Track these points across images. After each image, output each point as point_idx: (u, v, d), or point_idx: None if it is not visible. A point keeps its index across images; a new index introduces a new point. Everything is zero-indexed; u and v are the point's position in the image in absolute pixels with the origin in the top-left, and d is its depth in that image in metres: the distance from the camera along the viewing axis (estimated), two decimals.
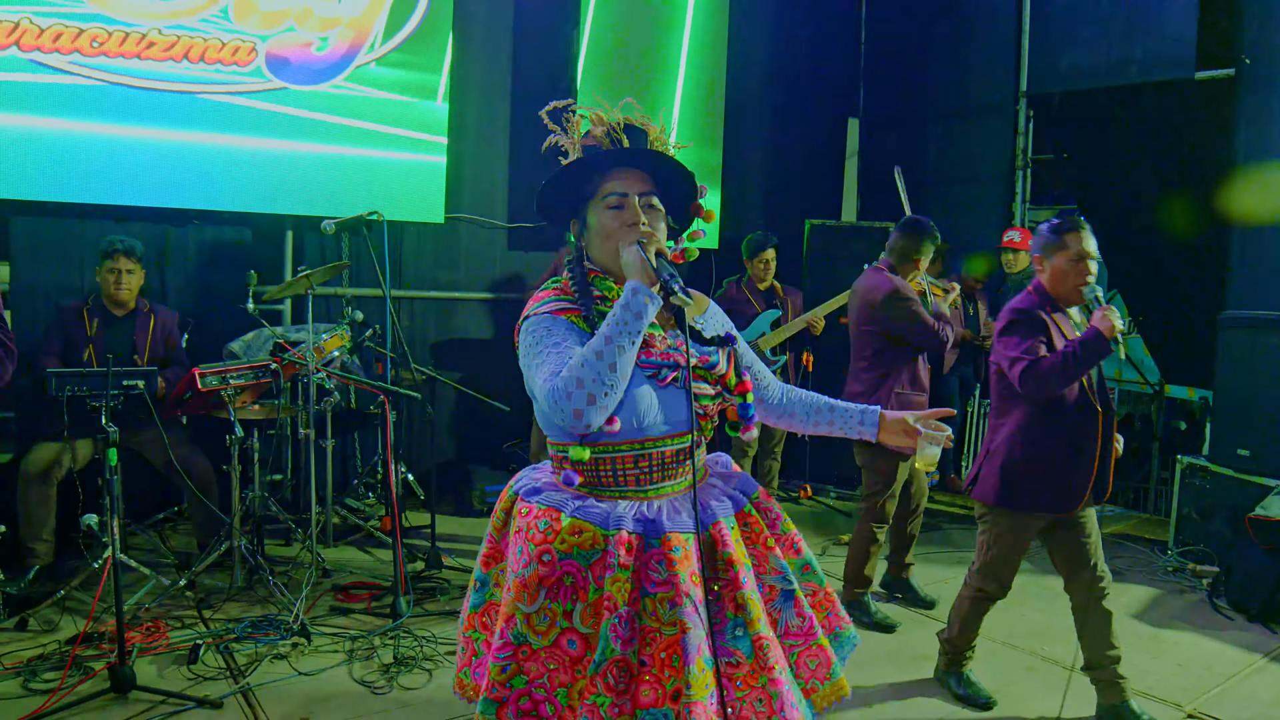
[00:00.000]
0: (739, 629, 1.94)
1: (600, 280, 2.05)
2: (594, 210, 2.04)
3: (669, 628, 1.86)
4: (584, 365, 1.81)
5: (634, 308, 1.85)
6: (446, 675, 3.73)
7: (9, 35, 4.76)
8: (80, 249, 5.19)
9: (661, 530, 1.93)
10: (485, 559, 2.12)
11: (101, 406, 3.95)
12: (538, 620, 1.88)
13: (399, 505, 4.84)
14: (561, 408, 1.81)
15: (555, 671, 1.87)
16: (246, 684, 3.56)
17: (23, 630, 3.96)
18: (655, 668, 1.85)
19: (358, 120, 5.82)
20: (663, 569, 1.89)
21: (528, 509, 1.99)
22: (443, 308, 6.61)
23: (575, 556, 1.90)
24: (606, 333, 1.83)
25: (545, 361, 1.89)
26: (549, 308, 2.00)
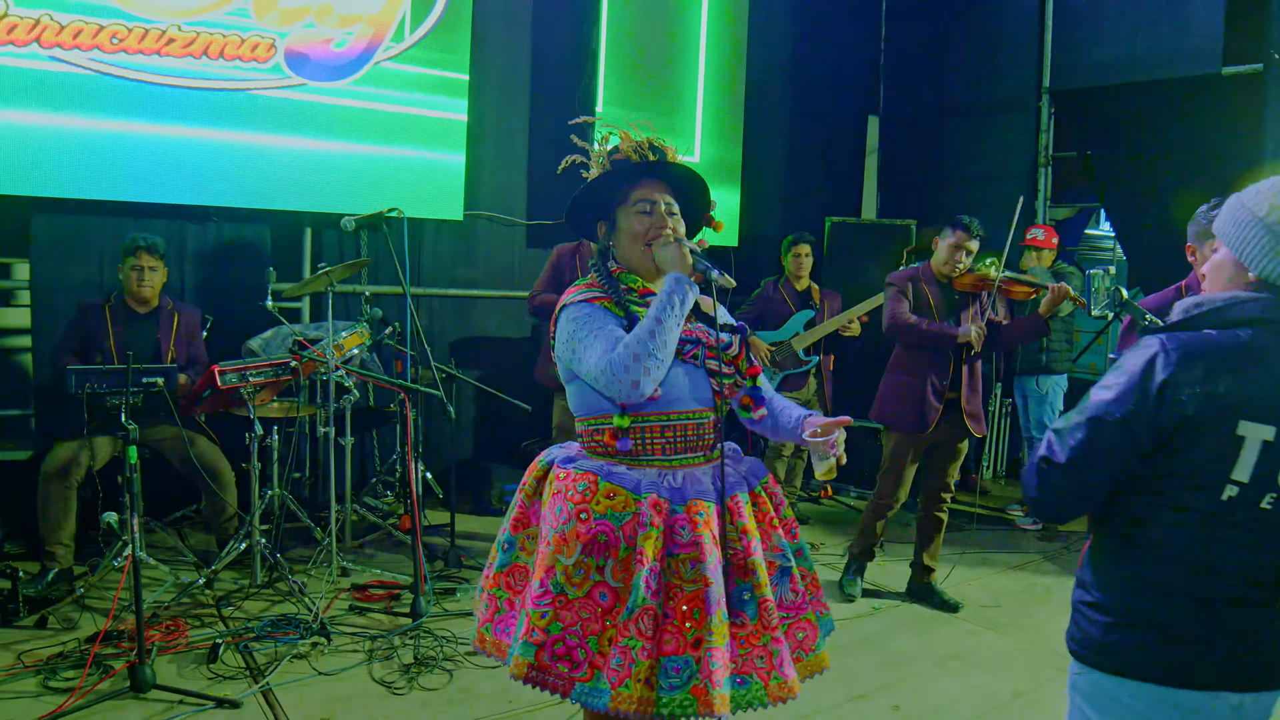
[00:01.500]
0: (746, 593, 2.16)
1: (625, 275, 2.32)
2: (624, 214, 2.31)
3: (690, 584, 2.09)
4: (639, 342, 2.07)
5: (679, 294, 2.13)
6: (467, 676, 3.70)
7: (29, 32, 4.75)
8: (100, 246, 5.18)
9: (686, 497, 2.16)
10: (514, 522, 2.30)
11: (121, 404, 3.94)
12: (574, 573, 2.08)
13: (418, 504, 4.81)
14: (620, 379, 2.06)
15: (588, 620, 2.07)
16: (266, 684, 3.53)
17: (42, 628, 3.95)
18: (677, 619, 2.07)
19: (376, 117, 5.79)
20: (685, 531, 2.12)
21: (565, 474, 2.21)
22: (461, 305, 6.58)
23: (609, 517, 2.11)
24: (656, 314, 2.11)
25: (595, 341, 2.14)
26: (584, 296, 2.25)
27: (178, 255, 5.49)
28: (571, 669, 2.05)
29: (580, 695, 2.04)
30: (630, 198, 2.30)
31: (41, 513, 4.32)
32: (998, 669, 4.00)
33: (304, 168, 5.60)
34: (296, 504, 4.83)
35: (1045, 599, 4.89)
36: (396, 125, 5.87)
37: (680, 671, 2.03)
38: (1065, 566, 5.35)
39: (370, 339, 5.04)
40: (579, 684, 2.05)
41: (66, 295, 4.98)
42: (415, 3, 5.82)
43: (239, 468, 4.69)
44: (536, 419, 5.81)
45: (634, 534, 2.09)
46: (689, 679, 2.02)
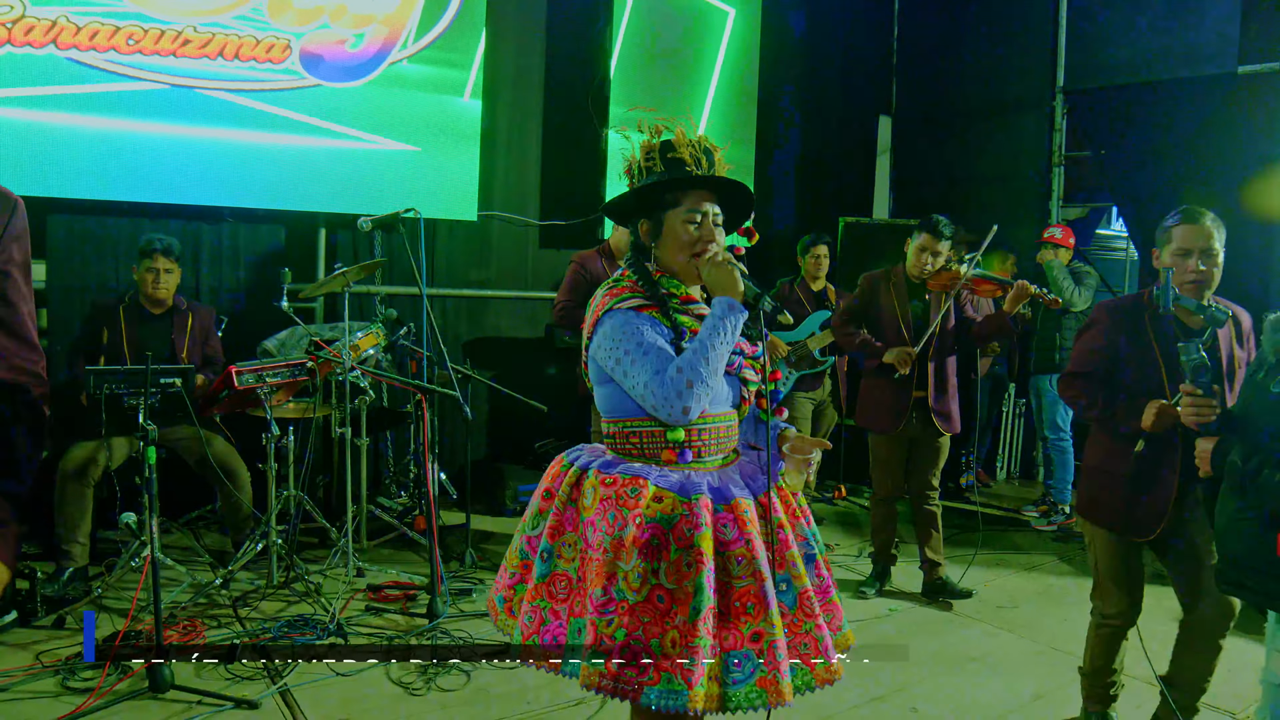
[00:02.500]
0: (783, 584, 2.20)
1: (666, 280, 2.30)
2: (673, 219, 2.27)
3: (741, 580, 2.12)
4: (692, 369, 2.10)
5: (731, 320, 2.15)
6: (484, 676, 3.70)
7: (47, 33, 4.77)
8: (116, 247, 5.19)
9: (730, 495, 2.19)
10: (551, 530, 2.24)
11: (139, 405, 3.95)
12: (633, 578, 2.08)
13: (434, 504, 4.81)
14: (671, 404, 2.10)
15: (649, 624, 2.07)
16: (284, 684, 3.53)
17: (60, 628, 3.96)
18: (732, 616, 2.11)
19: (390, 117, 5.80)
20: (728, 529, 2.15)
21: (611, 479, 2.19)
22: (474, 306, 6.59)
23: (659, 520, 2.12)
24: (708, 341, 2.12)
25: (645, 360, 2.14)
26: (631, 303, 2.22)
27: (193, 256, 5.50)
28: (639, 674, 2.06)
29: (653, 698, 2.04)
30: (681, 202, 2.27)
31: (58, 512, 4.33)
32: (1016, 671, 3.98)
33: (319, 168, 5.61)
34: (312, 504, 4.83)
35: (1061, 600, 4.87)
36: (410, 126, 5.88)
37: (742, 665, 2.08)
38: (1080, 567, 5.33)
39: (385, 339, 5.04)
40: (648, 688, 2.05)
41: (83, 296, 5.00)
42: (429, 3, 5.83)
43: (255, 468, 4.69)
44: (549, 419, 5.82)
45: (685, 535, 2.11)
46: (753, 672, 2.08)
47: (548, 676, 3.64)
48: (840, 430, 6.72)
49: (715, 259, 2.23)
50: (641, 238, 2.34)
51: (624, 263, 2.38)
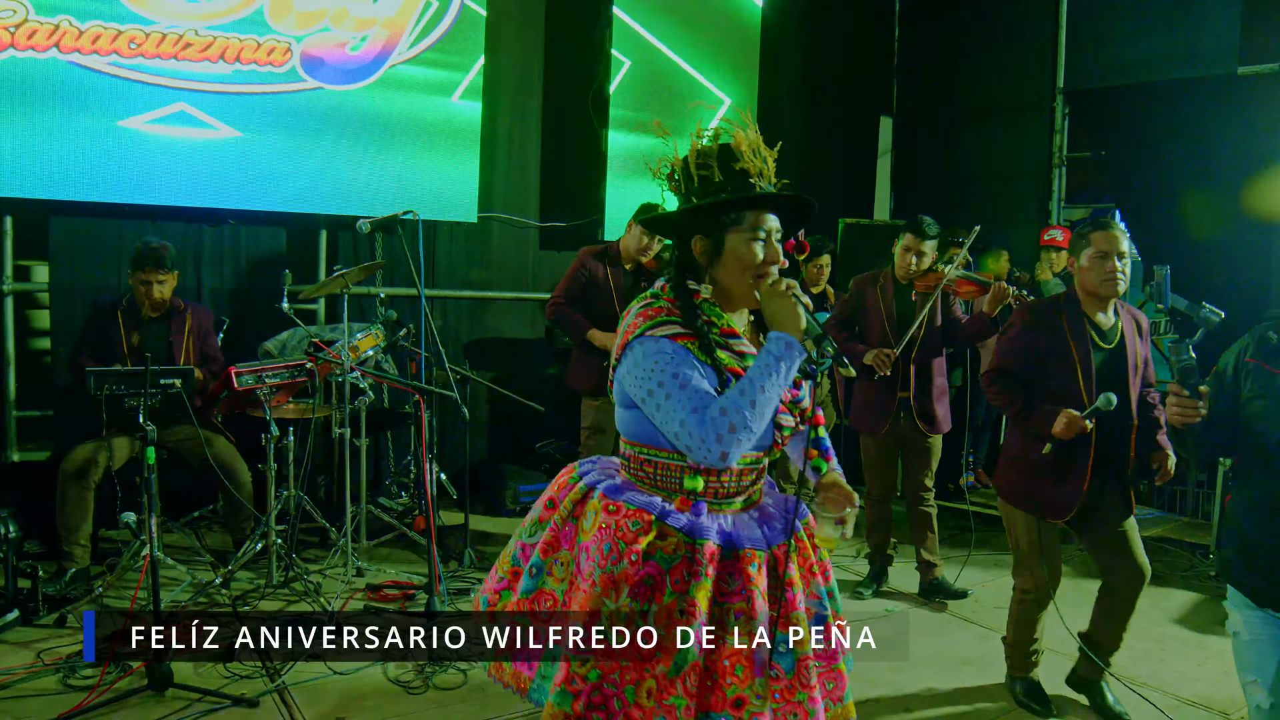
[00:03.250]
0: (783, 644, 2.02)
1: (708, 306, 2.11)
2: (736, 238, 2.07)
3: (734, 637, 1.97)
4: (739, 412, 1.90)
5: (788, 361, 1.95)
6: (481, 675, 3.71)
7: (49, 37, 4.81)
8: (118, 249, 5.23)
9: (740, 544, 2.04)
10: (546, 546, 2.14)
11: (140, 405, 3.98)
12: (619, 618, 1.95)
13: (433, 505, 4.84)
14: (710, 448, 1.90)
15: (626, 669, 1.94)
16: (282, 683, 3.56)
17: (62, 627, 3.99)
18: (718, 674, 1.96)
19: (391, 120, 5.83)
20: (732, 581, 2.01)
21: (615, 506, 2.06)
22: (475, 307, 6.62)
23: (658, 559, 1.99)
24: (759, 382, 1.92)
25: (682, 396, 1.94)
26: (665, 330, 2.02)
27: (194, 258, 5.54)
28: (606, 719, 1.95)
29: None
30: (745, 220, 2.07)
31: (59, 512, 4.37)
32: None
33: (320, 170, 5.65)
34: (312, 504, 4.86)
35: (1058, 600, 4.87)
36: (411, 128, 5.91)
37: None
38: (1077, 567, 5.33)
39: (385, 341, 5.07)
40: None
41: (85, 297, 5.04)
42: (429, 6, 5.86)
43: (255, 468, 4.72)
44: (550, 420, 5.84)
45: (682, 580, 1.99)
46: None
47: None
48: (839, 430, 6.73)
49: (779, 288, 2.01)
50: (696, 256, 2.12)
51: (664, 279, 2.17)
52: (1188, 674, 3.98)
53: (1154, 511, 6.80)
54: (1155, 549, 5.75)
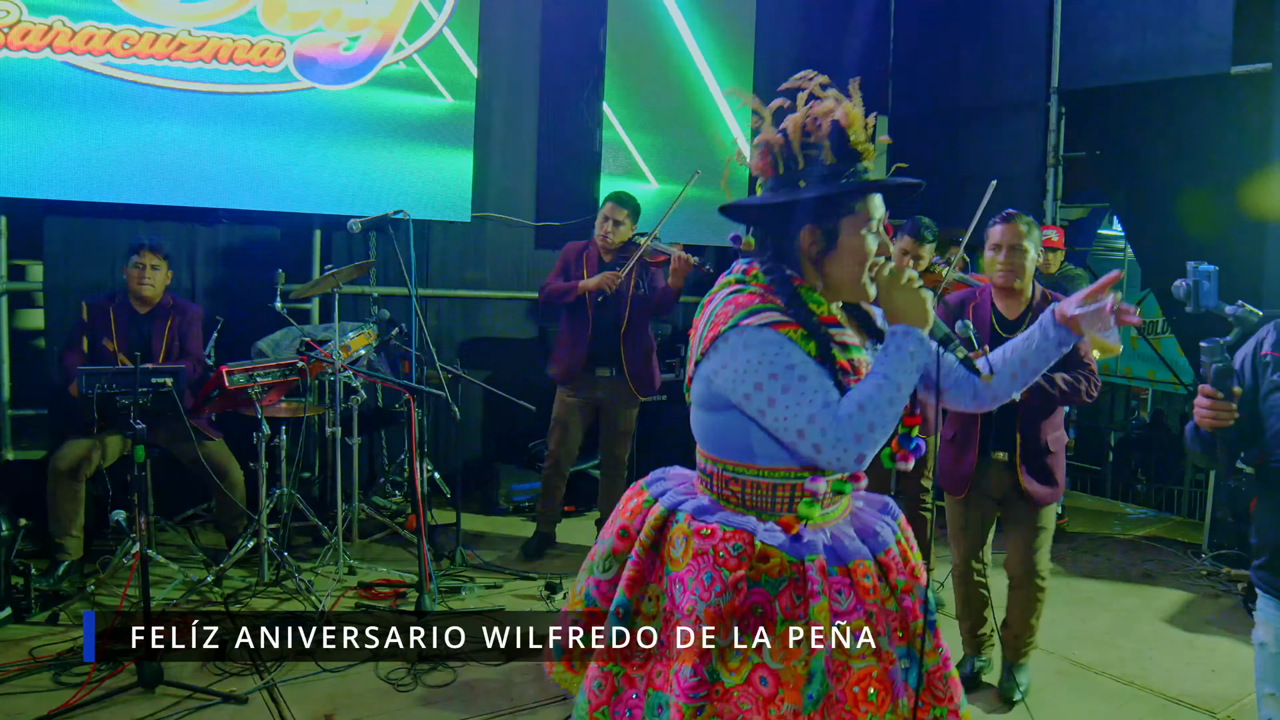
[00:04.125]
0: (905, 660, 1.86)
1: (808, 292, 1.89)
2: (852, 227, 1.86)
3: (860, 660, 1.78)
4: (877, 409, 1.71)
5: (921, 357, 1.78)
6: (471, 673, 3.74)
7: (43, 38, 4.82)
8: (112, 248, 5.24)
9: (847, 557, 1.85)
10: (630, 582, 1.90)
11: (130, 404, 3.99)
12: (730, 655, 1.75)
13: (425, 504, 4.85)
14: (847, 447, 1.70)
15: (749, 713, 1.73)
16: (272, 680, 3.58)
17: (54, 624, 4.01)
18: (849, 703, 1.76)
19: (385, 119, 5.84)
20: (844, 598, 1.81)
21: (710, 530, 1.84)
22: (469, 306, 6.62)
23: (763, 584, 1.79)
24: (896, 379, 1.74)
25: (806, 390, 1.73)
26: (766, 319, 1.79)
27: (188, 258, 5.55)
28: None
29: None
30: (858, 209, 1.86)
31: (51, 508, 4.39)
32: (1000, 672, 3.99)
33: (313, 170, 5.65)
34: (304, 503, 4.88)
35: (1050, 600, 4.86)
36: (405, 127, 5.92)
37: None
38: (1070, 567, 5.35)
39: (377, 340, 5.09)
40: None
41: (79, 297, 5.04)
42: (423, 6, 5.87)
43: (247, 467, 4.74)
44: (543, 419, 5.84)
45: (794, 604, 1.79)
46: None
47: (534, 673, 3.72)
48: None
49: (901, 279, 1.82)
50: (803, 248, 1.89)
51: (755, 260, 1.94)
52: (1176, 673, 3.99)
53: (1147, 510, 6.81)
54: (1147, 548, 5.77)
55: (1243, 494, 5.28)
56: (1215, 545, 5.41)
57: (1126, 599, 4.90)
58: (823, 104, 1.86)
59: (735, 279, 1.91)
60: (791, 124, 1.86)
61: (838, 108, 1.85)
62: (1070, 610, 4.70)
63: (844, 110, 1.84)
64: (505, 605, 4.45)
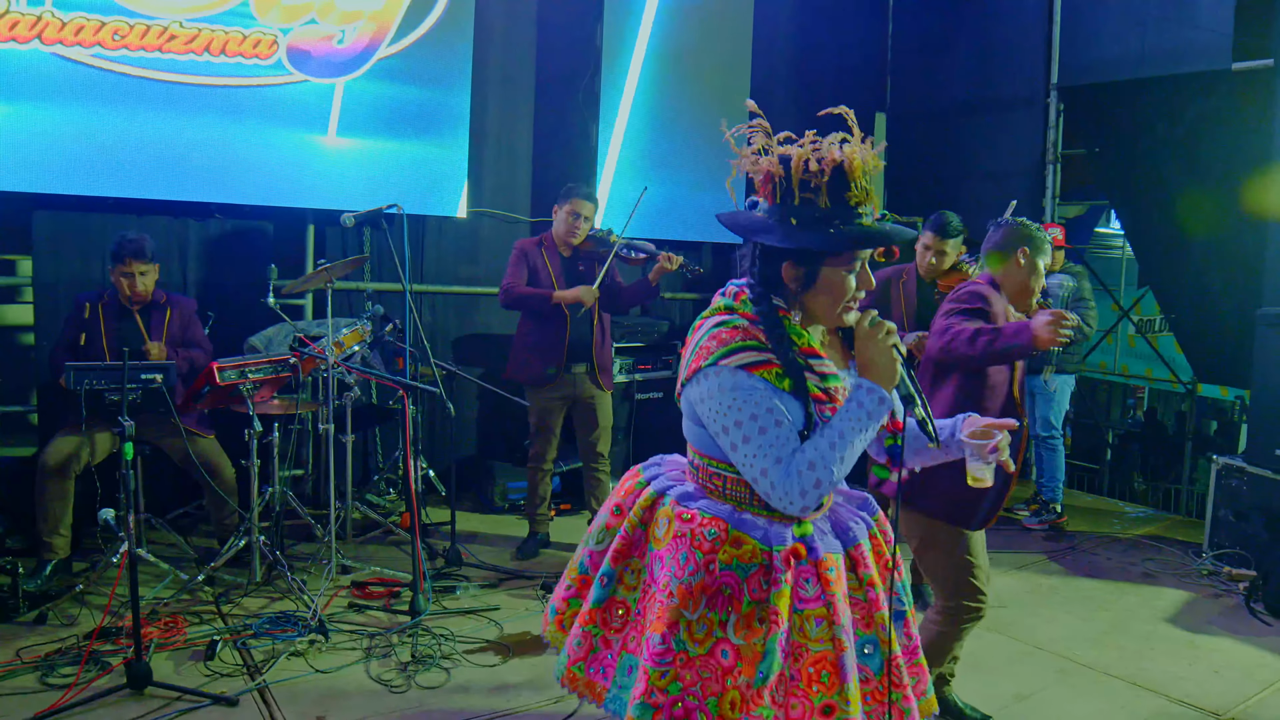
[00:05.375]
0: (868, 646, 2.01)
1: (791, 325, 1.97)
2: (835, 269, 1.93)
3: (817, 644, 1.93)
4: (825, 467, 1.83)
5: (878, 418, 1.87)
6: (465, 674, 3.69)
7: (31, 28, 4.76)
8: (102, 242, 5.17)
9: (817, 552, 1.97)
10: (616, 553, 2.09)
11: (120, 400, 3.93)
12: (697, 629, 1.92)
13: (419, 502, 4.80)
14: (791, 500, 1.85)
15: (708, 680, 1.91)
16: (263, 681, 3.53)
17: (41, 624, 3.95)
18: (803, 682, 1.92)
19: (379, 113, 5.78)
20: (810, 586, 1.95)
21: (690, 515, 2.00)
22: (464, 302, 6.57)
23: (734, 568, 1.94)
24: (850, 438, 1.84)
25: (764, 443, 1.86)
26: (742, 359, 1.89)
27: (180, 252, 5.49)
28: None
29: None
30: (843, 253, 1.93)
31: (39, 506, 4.33)
32: (999, 671, 3.96)
33: (307, 164, 5.60)
34: (297, 501, 4.82)
35: (1049, 599, 4.85)
36: (399, 121, 5.86)
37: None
38: (1070, 566, 5.31)
39: (371, 336, 5.03)
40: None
41: (69, 292, 4.98)
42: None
43: (239, 465, 4.68)
44: None
45: (761, 589, 1.93)
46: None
47: (529, 674, 3.68)
48: None
49: (879, 331, 1.89)
50: (786, 282, 1.96)
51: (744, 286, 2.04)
52: (1178, 674, 3.95)
53: (1146, 509, 6.77)
54: (1147, 547, 5.73)
55: (1243, 493, 5.25)
56: (1216, 544, 5.37)
57: (1127, 598, 4.86)
58: (829, 145, 1.90)
59: (725, 305, 2.01)
60: (796, 159, 1.90)
61: (843, 153, 1.88)
62: (1070, 609, 4.66)
63: (848, 157, 1.88)
64: (500, 605, 4.39)
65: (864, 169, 1.89)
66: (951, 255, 4.51)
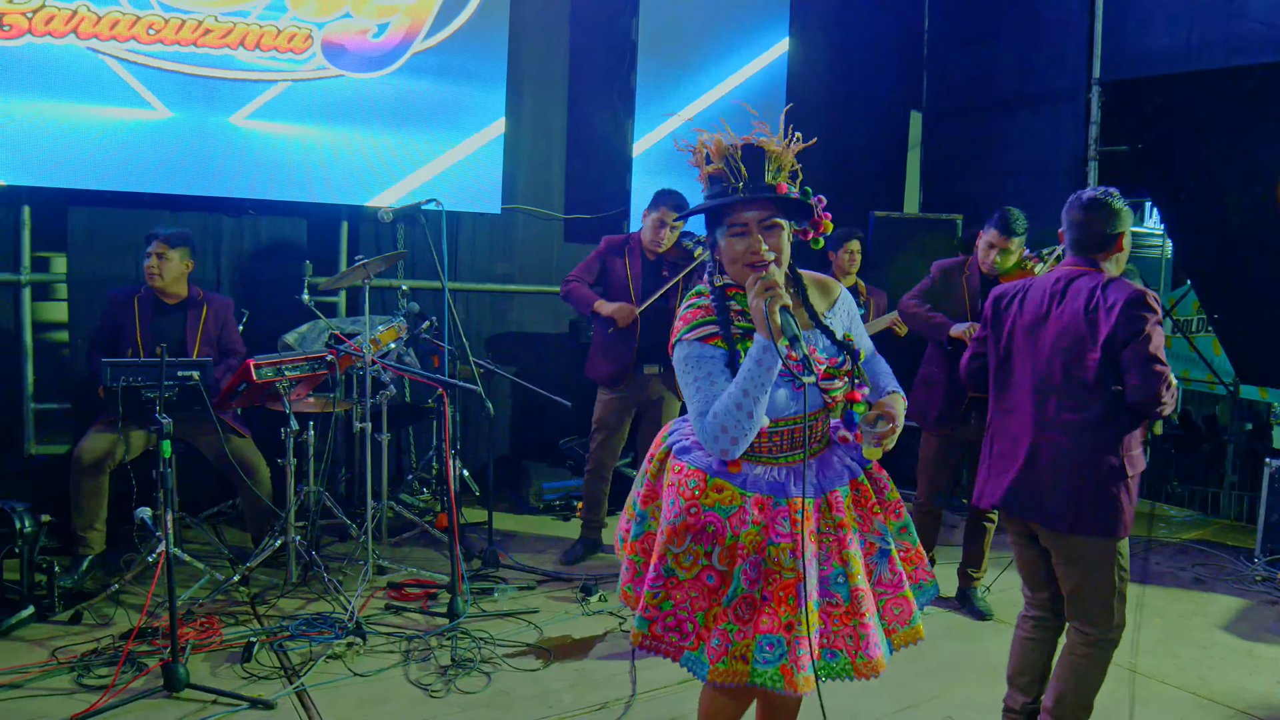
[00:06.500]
0: (840, 578, 2.32)
1: (740, 297, 2.31)
2: (722, 235, 2.26)
3: (788, 572, 2.25)
4: (727, 414, 2.15)
5: (765, 364, 2.12)
6: (506, 679, 3.61)
7: (67, 23, 4.73)
8: (136, 239, 5.11)
9: (788, 494, 2.30)
10: (644, 498, 2.49)
11: (156, 398, 3.88)
12: (684, 558, 2.29)
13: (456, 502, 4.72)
14: (711, 446, 2.21)
15: (696, 598, 2.29)
16: (300, 684, 3.46)
17: (77, 623, 3.91)
18: (774, 602, 2.25)
19: (413, 109, 5.72)
20: (785, 524, 2.27)
21: (679, 466, 2.37)
22: (498, 300, 6.51)
23: (717, 509, 2.29)
24: (743, 386, 2.13)
25: (695, 396, 2.23)
26: (699, 333, 2.27)
27: (214, 249, 5.46)
28: (681, 638, 2.30)
29: (687, 662, 2.31)
30: (724, 219, 2.24)
31: (74, 502, 4.29)
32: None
33: (341, 160, 5.55)
34: (332, 500, 4.76)
35: None
36: (434, 117, 5.81)
37: (774, 649, 2.23)
38: None
39: (407, 333, 4.96)
40: (687, 651, 2.30)
41: (103, 289, 4.94)
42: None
43: (274, 463, 4.63)
44: (574, 416, 5.72)
45: (736, 527, 2.27)
46: (780, 656, 2.22)
47: (572, 679, 3.60)
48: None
49: (757, 288, 2.12)
50: (712, 252, 2.34)
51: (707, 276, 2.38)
52: (1240, 683, 3.82)
53: (1190, 513, 6.62)
54: (1195, 552, 5.59)
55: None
56: (1270, 550, 5.22)
57: (1179, 605, 4.73)
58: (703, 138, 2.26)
59: (698, 290, 2.36)
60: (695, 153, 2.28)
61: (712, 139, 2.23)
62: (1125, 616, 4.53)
63: (714, 141, 2.22)
64: (539, 607, 4.31)
65: (720, 149, 2.21)
66: (1015, 254, 4.40)
